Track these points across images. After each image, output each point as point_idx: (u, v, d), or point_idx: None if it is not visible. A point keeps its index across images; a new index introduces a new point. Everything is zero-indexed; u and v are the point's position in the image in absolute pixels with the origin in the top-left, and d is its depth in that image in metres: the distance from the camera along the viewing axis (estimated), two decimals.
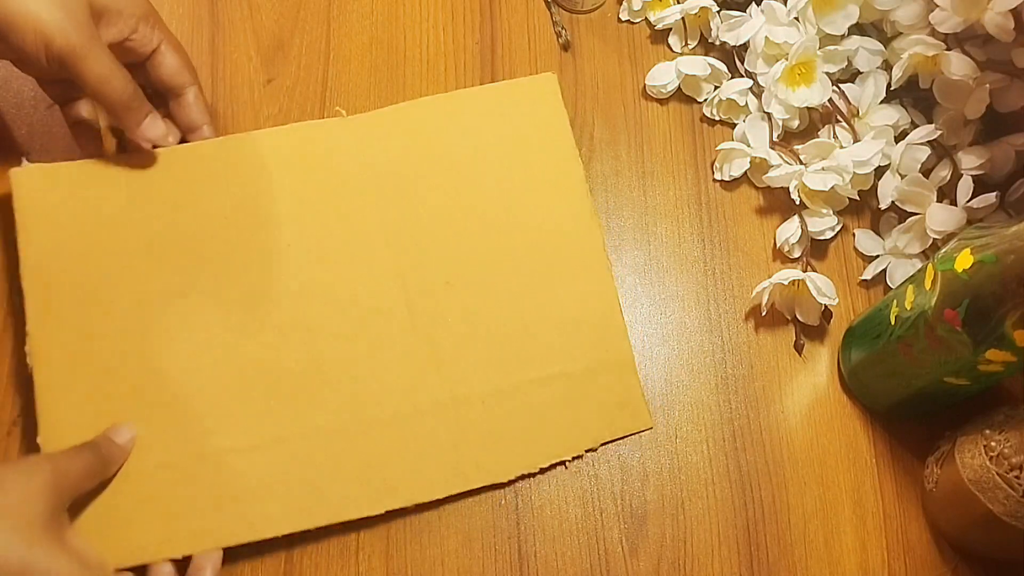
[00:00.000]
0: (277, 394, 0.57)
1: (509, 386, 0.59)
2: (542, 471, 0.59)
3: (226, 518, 0.55)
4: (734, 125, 0.68)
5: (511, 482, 0.58)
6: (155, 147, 0.60)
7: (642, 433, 0.60)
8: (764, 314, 0.63)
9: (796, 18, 0.66)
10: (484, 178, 0.64)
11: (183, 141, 0.62)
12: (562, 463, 0.59)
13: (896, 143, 0.64)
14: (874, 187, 0.64)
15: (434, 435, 0.58)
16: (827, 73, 0.65)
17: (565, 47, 0.70)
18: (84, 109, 0.60)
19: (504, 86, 0.67)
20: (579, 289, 0.62)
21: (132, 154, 0.60)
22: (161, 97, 0.61)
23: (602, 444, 0.60)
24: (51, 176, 0.59)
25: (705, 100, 0.69)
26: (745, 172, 0.67)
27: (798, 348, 0.63)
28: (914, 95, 0.66)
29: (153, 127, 0.58)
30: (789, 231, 0.64)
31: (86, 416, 0.55)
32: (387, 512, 0.57)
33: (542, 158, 0.65)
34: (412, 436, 0.58)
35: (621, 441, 0.60)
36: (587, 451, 0.59)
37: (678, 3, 0.69)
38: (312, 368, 0.58)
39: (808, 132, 0.68)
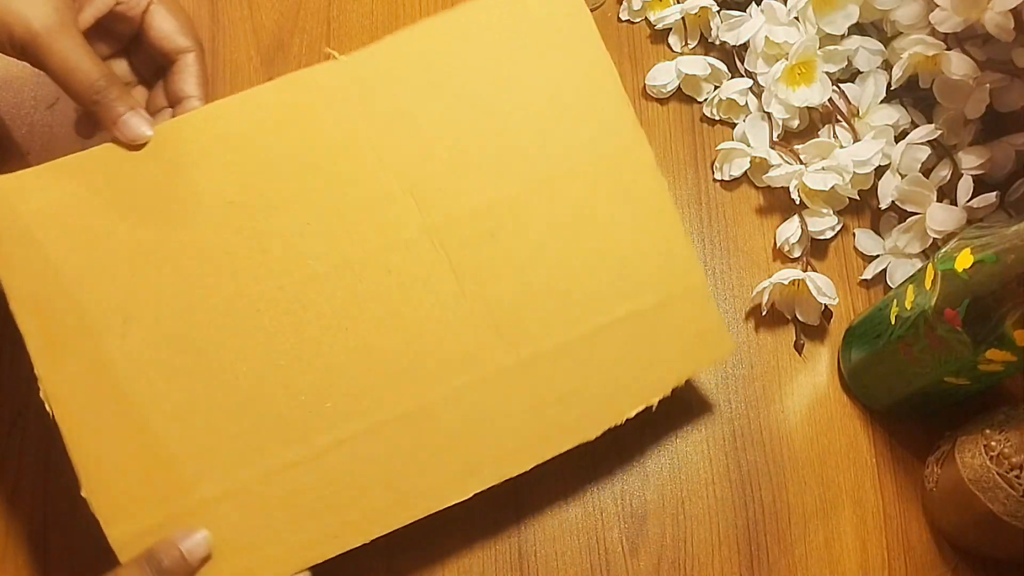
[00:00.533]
0: (328, 393, 0.52)
1: (577, 336, 0.54)
2: (628, 422, 0.55)
3: (306, 536, 0.51)
4: (734, 125, 0.68)
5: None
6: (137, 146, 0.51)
7: (640, 435, 0.60)
8: (764, 314, 0.63)
9: (796, 18, 0.66)
10: (511, 105, 0.55)
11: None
12: (648, 409, 0.55)
13: (896, 143, 0.64)
14: (874, 187, 0.64)
15: (508, 404, 0.53)
16: (827, 73, 0.65)
17: None
18: None
19: None
20: (635, 215, 0.56)
21: (108, 143, 0.52)
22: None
23: (686, 380, 0.56)
24: (20, 185, 0.50)
25: (705, 100, 0.69)
26: (745, 172, 0.67)
27: (798, 348, 0.63)
28: (914, 95, 0.66)
29: (132, 124, 0.50)
30: (789, 231, 0.64)
31: (126, 455, 0.50)
32: None
33: (571, 72, 0.56)
34: (485, 409, 0.53)
35: (620, 440, 0.60)
36: (672, 391, 0.55)
37: (678, 3, 0.69)
38: (360, 358, 0.52)
39: (808, 132, 0.68)
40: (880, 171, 0.64)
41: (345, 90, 0.54)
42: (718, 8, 0.68)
